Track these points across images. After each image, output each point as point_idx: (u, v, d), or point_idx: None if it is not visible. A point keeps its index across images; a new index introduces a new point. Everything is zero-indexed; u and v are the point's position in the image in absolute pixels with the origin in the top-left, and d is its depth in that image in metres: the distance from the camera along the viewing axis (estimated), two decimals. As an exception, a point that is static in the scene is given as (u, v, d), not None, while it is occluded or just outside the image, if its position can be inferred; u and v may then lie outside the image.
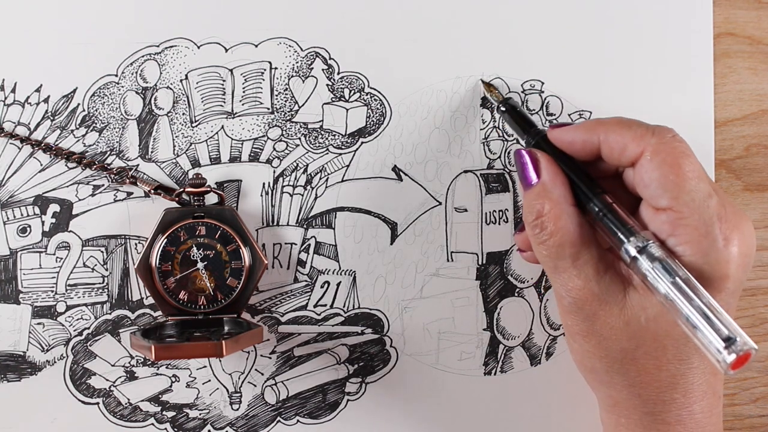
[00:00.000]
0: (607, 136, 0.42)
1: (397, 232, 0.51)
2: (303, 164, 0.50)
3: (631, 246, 0.39)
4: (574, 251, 0.41)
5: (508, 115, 0.49)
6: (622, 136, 0.41)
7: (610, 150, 0.42)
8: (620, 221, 0.40)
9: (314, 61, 0.50)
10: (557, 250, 0.41)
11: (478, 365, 0.52)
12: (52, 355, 0.49)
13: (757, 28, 0.53)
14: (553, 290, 0.43)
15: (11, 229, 0.49)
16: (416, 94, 0.51)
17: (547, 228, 0.41)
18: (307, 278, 0.51)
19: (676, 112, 0.52)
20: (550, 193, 0.42)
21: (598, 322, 0.41)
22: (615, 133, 0.41)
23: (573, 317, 0.42)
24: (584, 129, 0.43)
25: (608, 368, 0.42)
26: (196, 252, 0.48)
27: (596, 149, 0.42)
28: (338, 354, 0.51)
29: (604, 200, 0.41)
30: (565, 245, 0.41)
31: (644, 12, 0.52)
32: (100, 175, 0.49)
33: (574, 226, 0.41)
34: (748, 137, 0.53)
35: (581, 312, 0.41)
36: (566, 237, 0.41)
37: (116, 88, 0.49)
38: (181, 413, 0.50)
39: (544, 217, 0.42)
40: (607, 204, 0.41)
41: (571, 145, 0.43)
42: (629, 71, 0.52)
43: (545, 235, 0.41)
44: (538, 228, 0.42)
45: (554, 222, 0.41)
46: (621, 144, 0.41)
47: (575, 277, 0.41)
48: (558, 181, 0.43)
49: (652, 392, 0.41)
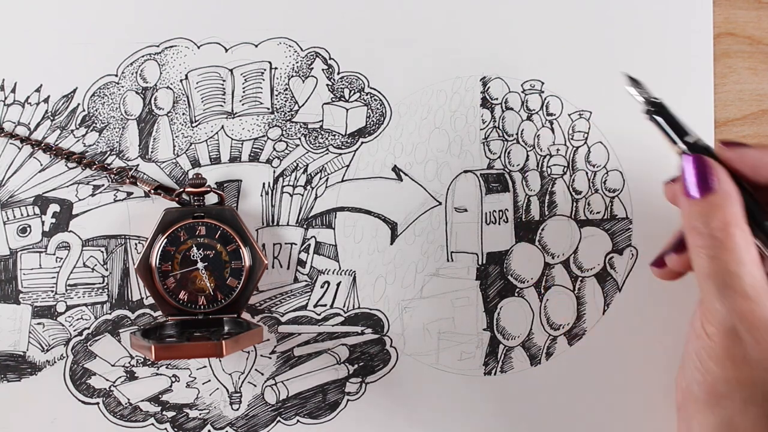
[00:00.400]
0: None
1: (397, 232, 0.51)
2: (303, 164, 0.50)
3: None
4: (746, 270, 0.38)
5: (659, 119, 0.44)
6: None
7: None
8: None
9: (314, 61, 0.50)
10: (729, 267, 0.38)
11: (478, 365, 0.52)
12: (52, 355, 0.49)
13: (757, 28, 0.53)
14: (702, 313, 0.40)
15: (11, 229, 0.49)
16: (416, 94, 0.51)
17: (720, 241, 0.38)
18: (307, 278, 0.51)
19: (676, 112, 0.52)
20: (730, 206, 0.39)
21: (758, 348, 0.38)
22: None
23: (730, 342, 0.39)
24: (757, 148, 0.40)
25: (750, 397, 0.39)
26: (196, 252, 0.48)
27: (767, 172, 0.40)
28: (338, 354, 0.51)
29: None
30: (738, 262, 0.38)
31: (644, 12, 0.52)
32: (100, 175, 0.49)
33: (746, 243, 0.38)
34: (748, 137, 0.53)
35: (745, 336, 0.38)
36: (741, 254, 0.38)
37: (116, 88, 0.49)
38: (181, 413, 0.50)
39: (720, 230, 0.38)
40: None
41: (753, 170, 0.40)
42: (629, 71, 0.52)
43: (717, 250, 0.38)
44: (711, 241, 0.39)
45: (730, 235, 0.38)
46: None
47: (746, 299, 0.38)
48: (738, 198, 0.39)
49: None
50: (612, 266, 0.52)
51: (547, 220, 0.52)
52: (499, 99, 0.51)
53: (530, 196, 0.52)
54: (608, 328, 0.52)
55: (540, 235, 0.52)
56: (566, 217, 0.52)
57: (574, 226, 0.52)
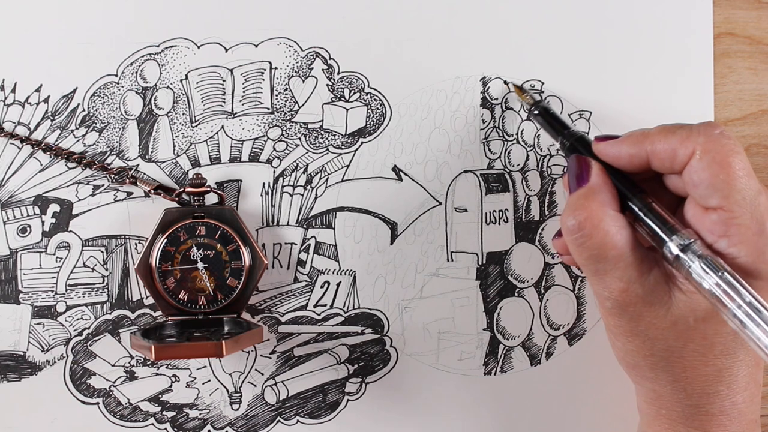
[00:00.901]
0: (654, 147, 0.41)
1: (397, 232, 0.51)
2: (303, 164, 0.50)
3: (674, 244, 0.39)
4: (615, 253, 0.40)
5: (542, 118, 0.48)
6: (669, 143, 0.40)
7: (660, 160, 0.41)
8: (661, 220, 0.40)
9: (314, 61, 0.50)
10: (598, 252, 0.40)
11: (478, 365, 0.52)
12: (52, 355, 0.49)
13: (757, 28, 0.53)
14: (593, 293, 0.43)
15: (11, 229, 0.49)
16: (416, 94, 0.51)
17: (586, 229, 0.41)
18: (307, 278, 0.51)
19: (676, 112, 0.52)
20: (595, 196, 0.41)
21: (642, 323, 0.41)
22: (661, 142, 0.40)
23: (616, 319, 0.42)
24: (630, 142, 0.42)
25: (653, 365, 0.42)
26: (196, 252, 0.48)
27: (644, 162, 0.42)
28: (338, 354, 0.51)
29: (645, 200, 0.41)
30: (606, 247, 0.40)
31: (644, 12, 0.52)
32: (100, 175, 0.49)
33: (616, 228, 0.40)
34: (748, 137, 0.53)
35: (625, 314, 0.41)
36: (607, 239, 0.40)
37: (116, 88, 0.49)
38: (181, 413, 0.50)
39: (585, 219, 0.41)
40: (647, 204, 0.41)
41: (617, 159, 0.43)
42: (629, 71, 0.52)
43: (584, 238, 0.41)
44: (578, 230, 0.41)
45: (596, 224, 0.40)
46: (670, 151, 0.40)
47: (617, 280, 0.40)
48: (605, 186, 0.42)
49: (697, 386, 0.41)
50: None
51: (547, 220, 0.52)
52: (499, 99, 0.51)
53: (530, 196, 0.52)
54: (608, 328, 0.52)
55: (540, 235, 0.52)
56: (566, 217, 0.52)
57: (574, 226, 0.52)
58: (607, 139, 0.43)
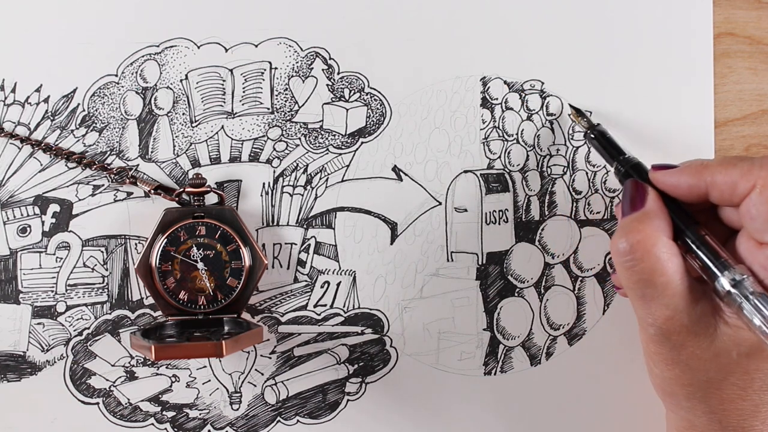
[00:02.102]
0: (714, 178, 0.40)
1: (397, 232, 0.51)
2: (303, 164, 0.50)
3: (726, 279, 0.39)
4: (664, 280, 0.40)
5: (597, 142, 0.49)
6: (730, 175, 0.40)
7: (719, 192, 0.41)
8: (714, 254, 0.40)
9: (314, 61, 0.50)
10: (647, 278, 0.40)
11: (478, 365, 0.52)
12: (52, 355, 0.49)
13: (757, 28, 0.53)
14: (637, 317, 0.42)
15: (11, 229, 0.49)
16: (416, 94, 0.51)
17: (638, 253, 0.40)
18: (307, 278, 0.51)
19: (676, 112, 0.52)
20: (650, 221, 0.41)
21: (685, 352, 0.40)
22: (722, 174, 0.40)
23: (658, 346, 0.41)
24: (689, 173, 0.42)
25: (690, 395, 0.41)
26: (196, 252, 0.48)
27: (703, 193, 0.41)
28: (338, 354, 0.51)
29: (698, 232, 0.41)
30: (656, 273, 0.40)
31: (644, 12, 0.52)
32: (100, 175, 0.49)
33: (667, 255, 0.40)
34: (748, 137, 0.53)
35: (668, 342, 0.41)
36: (658, 265, 0.40)
37: (116, 88, 0.49)
38: (181, 413, 0.50)
39: (637, 243, 0.40)
40: (700, 236, 0.41)
41: (675, 189, 0.42)
42: (629, 71, 0.52)
43: (634, 261, 0.40)
44: (629, 253, 0.40)
45: (648, 249, 0.40)
46: (730, 184, 0.40)
47: (664, 307, 0.40)
48: (660, 213, 0.42)
49: (733, 420, 0.41)
50: (612, 266, 0.52)
51: (547, 220, 0.52)
52: (499, 99, 0.51)
53: (530, 196, 0.52)
54: (608, 328, 0.52)
55: (540, 235, 0.52)
56: (566, 217, 0.52)
57: (574, 226, 0.52)
58: (664, 168, 0.43)
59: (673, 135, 0.52)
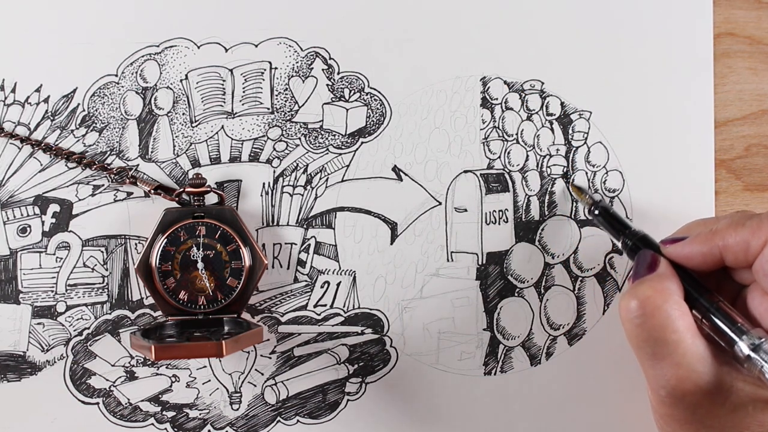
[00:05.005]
0: (725, 242, 0.40)
1: (397, 232, 0.51)
2: (303, 164, 0.50)
3: (745, 344, 0.39)
4: (676, 338, 0.39)
5: (602, 218, 0.49)
6: (740, 236, 0.40)
7: (734, 254, 0.40)
8: (730, 320, 0.40)
9: (314, 61, 0.50)
10: (658, 335, 0.39)
11: (478, 365, 0.52)
12: (52, 355, 0.49)
13: (757, 28, 0.53)
14: (647, 380, 0.41)
15: (11, 229, 0.49)
16: (416, 94, 0.51)
17: (647, 309, 0.39)
18: (307, 278, 0.51)
19: (676, 112, 0.52)
20: (661, 282, 0.41)
21: (699, 412, 0.40)
22: (732, 236, 0.40)
23: (670, 408, 0.40)
24: (700, 241, 0.42)
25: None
26: (196, 252, 0.48)
27: (717, 259, 0.41)
28: (338, 354, 0.51)
29: (712, 300, 0.41)
30: (667, 330, 0.39)
31: (644, 12, 0.52)
32: (100, 175, 0.49)
33: (679, 313, 0.40)
34: (748, 137, 0.53)
35: (681, 403, 0.40)
36: (669, 321, 0.39)
37: (116, 88, 0.49)
38: (181, 413, 0.50)
39: (647, 299, 0.40)
40: (715, 303, 0.41)
41: (689, 260, 0.42)
42: (629, 71, 0.52)
43: (644, 317, 0.39)
44: (638, 310, 0.40)
45: (659, 305, 0.39)
46: (743, 243, 0.40)
47: (676, 366, 0.39)
48: (673, 278, 0.41)
49: None
50: (612, 266, 0.52)
51: (547, 220, 0.52)
52: (499, 99, 0.51)
53: (530, 196, 0.52)
54: (608, 328, 0.52)
55: (540, 235, 0.52)
56: (566, 217, 0.52)
57: (574, 226, 0.52)
58: (674, 242, 0.43)
59: (673, 135, 0.52)
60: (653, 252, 0.44)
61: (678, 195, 0.52)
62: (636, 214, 0.52)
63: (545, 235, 0.52)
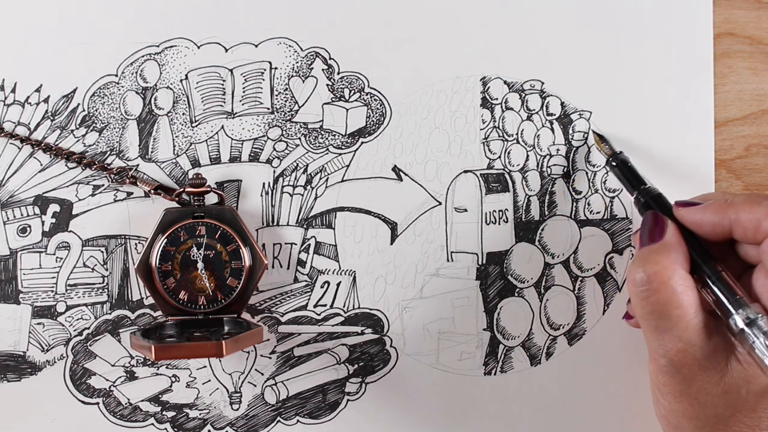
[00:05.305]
0: (738, 216, 0.41)
1: (397, 232, 0.51)
2: (303, 164, 0.50)
3: (740, 318, 0.39)
4: (679, 313, 0.40)
5: (619, 170, 0.49)
6: (754, 213, 0.40)
7: (743, 230, 0.41)
8: (730, 291, 0.40)
9: (314, 61, 0.50)
10: (662, 309, 0.40)
11: (478, 365, 0.52)
12: (52, 355, 0.49)
13: (757, 28, 0.53)
14: (648, 348, 0.42)
15: (11, 229, 0.49)
16: (416, 94, 0.51)
17: (654, 284, 0.40)
18: (307, 278, 0.51)
19: (676, 112, 0.52)
20: (668, 253, 0.41)
21: (694, 386, 0.41)
22: (746, 212, 0.41)
23: (667, 377, 0.41)
24: (713, 211, 0.42)
25: (696, 429, 0.41)
26: (196, 252, 0.48)
27: (726, 231, 0.42)
28: (338, 354, 0.51)
29: (715, 268, 0.41)
30: (671, 305, 0.40)
31: (644, 12, 0.52)
32: (100, 175, 0.49)
33: (683, 288, 0.40)
34: (748, 137, 0.53)
35: (678, 374, 0.41)
36: (674, 297, 0.40)
37: (116, 88, 0.49)
38: (181, 413, 0.50)
39: (654, 274, 0.41)
40: (717, 272, 0.41)
41: (699, 226, 0.43)
42: (629, 71, 0.52)
43: (650, 292, 0.40)
44: (645, 284, 0.41)
45: (665, 281, 0.40)
46: (755, 222, 0.40)
47: (677, 340, 0.40)
48: (679, 246, 0.42)
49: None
50: (612, 266, 0.52)
51: (547, 220, 0.52)
52: (499, 99, 0.51)
53: (530, 196, 0.52)
54: (608, 328, 0.52)
55: (540, 235, 0.52)
56: (566, 217, 0.52)
57: (574, 226, 0.52)
58: (688, 205, 0.44)
59: (674, 135, 0.52)
60: (661, 215, 0.44)
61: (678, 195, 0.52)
62: (636, 213, 0.52)
63: (545, 235, 0.52)
